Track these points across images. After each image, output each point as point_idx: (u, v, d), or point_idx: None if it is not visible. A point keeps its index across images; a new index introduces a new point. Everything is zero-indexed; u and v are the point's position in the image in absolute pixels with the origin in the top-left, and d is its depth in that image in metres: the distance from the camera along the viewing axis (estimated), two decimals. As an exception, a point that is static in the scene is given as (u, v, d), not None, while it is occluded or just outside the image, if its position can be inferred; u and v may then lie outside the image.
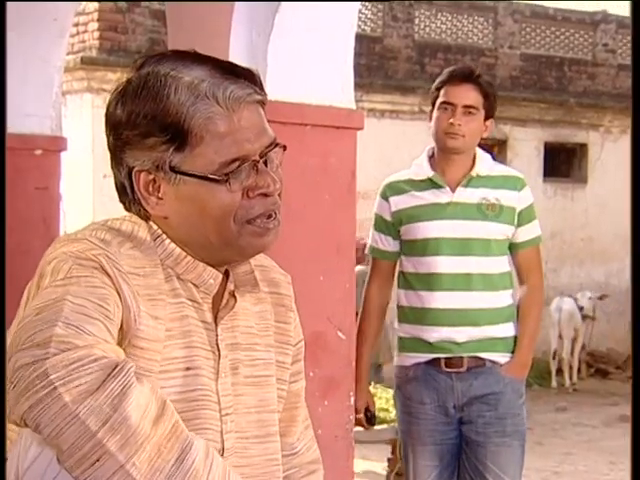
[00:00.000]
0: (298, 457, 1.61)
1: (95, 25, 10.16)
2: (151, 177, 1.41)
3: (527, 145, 12.59)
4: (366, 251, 3.41)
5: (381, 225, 3.31)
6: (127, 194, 1.44)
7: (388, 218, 3.28)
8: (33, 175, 4.92)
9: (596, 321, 12.23)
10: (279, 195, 1.44)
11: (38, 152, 4.95)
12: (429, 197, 3.21)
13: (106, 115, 1.44)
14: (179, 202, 1.41)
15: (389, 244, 3.28)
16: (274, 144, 1.43)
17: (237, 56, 2.87)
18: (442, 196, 3.20)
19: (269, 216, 1.43)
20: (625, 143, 12.93)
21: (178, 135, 1.38)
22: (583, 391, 11.23)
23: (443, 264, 3.15)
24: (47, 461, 1.23)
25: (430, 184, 3.22)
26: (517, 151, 11.75)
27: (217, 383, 1.43)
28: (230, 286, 1.48)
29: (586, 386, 11.52)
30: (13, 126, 4.54)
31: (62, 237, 1.42)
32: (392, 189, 3.30)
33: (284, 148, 1.46)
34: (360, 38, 8.20)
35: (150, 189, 1.42)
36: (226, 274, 1.48)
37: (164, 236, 1.43)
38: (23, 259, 4.67)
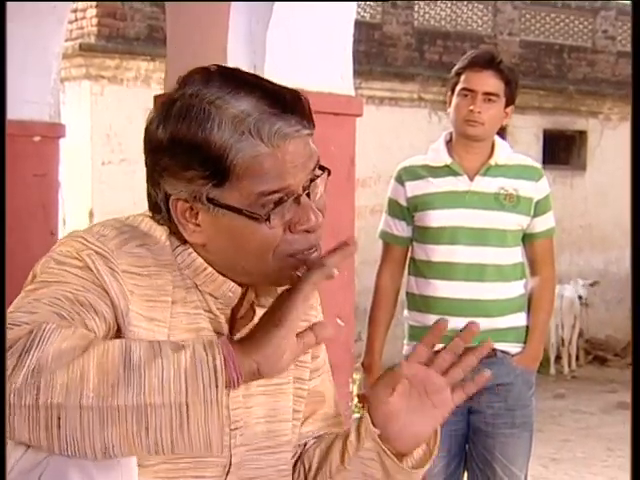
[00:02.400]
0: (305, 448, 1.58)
1: (93, 12, 10.12)
2: (189, 205, 1.36)
3: (526, 132, 12.58)
4: (377, 236, 3.36)
5: (395, 210, 3.25)
6: (162, 213, 1.40)
7: (403, 203, 3.22)
8: (32, 162, 4.92)
9: (595, 309, 12.24)
10: (320, 227, 1.38)
11: (36, 139, 4.95)
12: (446, 184, 3.16)
13: (146, 132, 1.39)
14: (217, 233, 1.36)
15: (403, 229, 3.24)
16: (317, 167, 1.38)
17: (236, 44, 2.87)
18: (460, 184, 3.15)
19: (310, 249, 1.37)
20: (624, 130, 12.92)
21: (219, 171, 1.32)
22: (581, 378, 11.25)
23: (459, 253, 3.12)
24: (33, 458, 1.22)
25: (448, 171, 3.17)
26: (516, 138, 11.74)
27: (227, 398, 1.37)
28: (250, 296, 1.44)
29: (584, 373, 11.54)
30: (11, 112, 4.54)
31: (72, 233, 1.40)
32: (408, 174, 3.22)
33: (329, 173, 1.40)
34: (359, 25, 8.17)
35: (187, 216, 1.37)
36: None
37: (187, 245, 1.39)
38: (22, 246, 4.67)
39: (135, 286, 1.34)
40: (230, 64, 2.99)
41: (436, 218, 3.15)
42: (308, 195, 1.36)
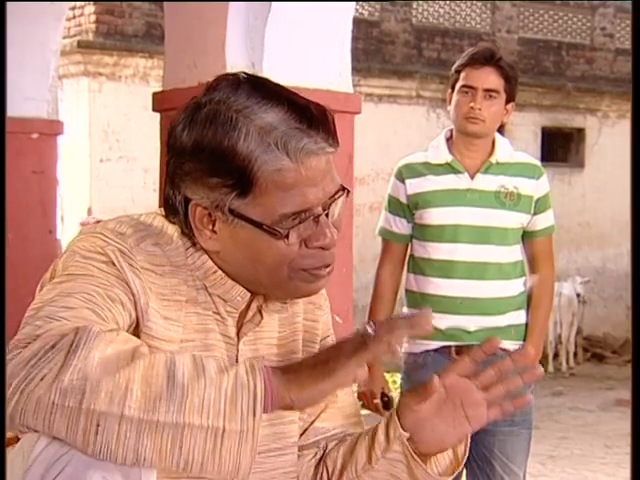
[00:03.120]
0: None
1: (92, 8, 10.12)
2: (207, 212, 1.37)
3: (525, 129, 12.59)
4: (376, 233, 3.36)
5: (396, 207, 3.23)
6: (178, 216, 1.40)
7: (404, 200, 3.20)
8: (30, 159, 4.92)
9: (593, 306, 12.25)
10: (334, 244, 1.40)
11: (35, 136, 4.95)
12: (447, 182, 3.14)
13: (170, 133, 1.39)
14: (233, 243, 1.37)
15: (403, 226, 3.22)
16: (339, 191, 1.39)
17: (234, 41, 2.87)
18: (461, 182, 3.14)
19: (326, 266, 1.39)
20: (622, 128, 12.93)
21: (243, 182, 1.33)
22: (579, 375, 11.26)
23: (460, 252, 3.11)
24: (57, 449, 1.23)
25: (448, 169, 3.15)
26: (515, 135, 11.74)
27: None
28: (259, 301, 1.45)
29: (582, 370, 11.55)
30: (10, 110, 4.54)
31: (85, 229, 1.41)
32: (409, 171, 3.21)
33: (347, 193, 1.42)
34: (358, 22, 8.16)
35: (205, 222, 1.38)
36: None
37: (198, 246, 1.40)
38: (20, 243, 4.67)
39: (152, 284, 1.35)
40: (228, 61, 2.99)
41: (437, 216, 3.14)
42: (327, 214, 1.37)
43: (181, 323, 1.37)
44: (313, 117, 1.36)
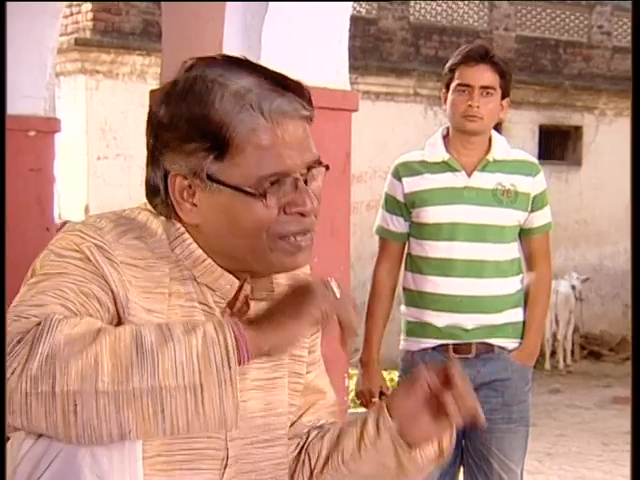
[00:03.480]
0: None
1: (89, 6, 10.11)
2: (187, 183, 1.38)
3: (522, 127, 12.59)
4: (374, 231, 3.36)
5: (393, 206, 3.23)
6: (159, 196, 1.41)
7: (400, 199, 3.20)
8: (27, 156, 4.92)
9: (590, 304, 12.26)
10: (315, 216, 1.41)
11: (32, 133, 4.95)
12: (444, 180, 3.15)
13: (149, 114, 1.41)
14: (213, 211, 1.38)
15: (400, 225, 3.22)
16: (317, 163, 1.40)
17: (232, 38, 2.87)
18: (458, 180, 3.14)
19: (304, 233, 1.40)
20: (620, 126, 12.94)
21: (219, 144, 1.35)
22: (576, 373, 11.27)
23: (457, 250, 3.11)
24: (44, 446, 1.24)
25: (445, 167, 3.15)
26: (512, 133, 11.74)
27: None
28: (247, 289, 1.45)
29: (579, 368, 11.56)
30: (7, 107, 4.53)
31: (67, 226, 1.42)
32: (405, 169, 3.21)
33: (327, 168, 1.43)
34: (355, 20, 8.16)
35: (185, 195, 1.39)
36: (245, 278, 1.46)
37: (186, 236, 1.41)
38: (18, 241, 4.67)
39: (133, 277, 1.35)
40: (226, 59, 2.99)
41: (434, 214, 3.14)
42: (305, 182, 1.38)
43: (165, 315, 1.37)
44: (287, 82, 1.39)
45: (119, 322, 1.34)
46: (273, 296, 1.47)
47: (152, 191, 1.43)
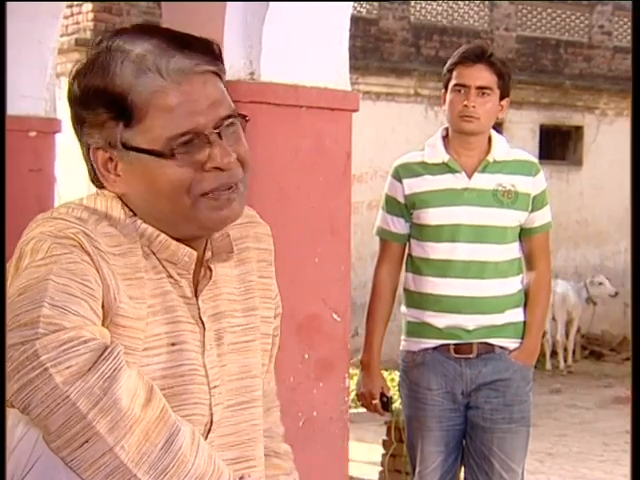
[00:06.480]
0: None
1: (89, 6, 10.11)
2: (108, 155, 1.40)
3: (523, 127, 12.58)
4: (374, 232, 3.36)
5: (393, 207, 3.23)
6: (93, 173, 1.44)
7: (401, 200, 3.19)
8: (27, 157, 4.92)
9: (591, 303, 12.25)
10: (244, 167, 1.41)
11: (32, 134, 4.95)
12: (444, 182, 3.14)
13: (67, 93, 1.44)
14: (133, 178, 1.39)
15: (401, 226, 3.22)
16: (231, 116, 1.40)
17: (232, 38, 2.86)
18: (458, 182, 3.13)
19: (228, 188, 1.39)
20: (620, 125, 12.93)
21: (123, 110, 1.36)
22: (577, 373, 11.27)
23: (459, 251, 3.11)
24: (33, 440, 1.23)
25: (445, 168, 3.15)
26: (513, 133, 11.74)
27: (204, 356, 1.43)
28: (207, 255, 1.46)
29: (580, 368, 11.55)
30: (7, 107, 4.53)
31: (39, 217, 1.41)
32: (406, 170, 3.20)
33: (244, 118, 1.42)
34: (356, 20, 8.15)
35: (108, 167, 1.41)
36: (205, 244, 1.47)
37: (137, 216, 1.42)
38: (17, 240, 4.66)
39: (114, 265, 1.35)
40: (226, 59, 2.99)
41: (434, 216, 3.14)
42: (220, 136, 1.38)
43: (145, 300, 1.37)
44: (186, 39, 1.39)
45: (110, 309, 1.33)
46: (231, 256, 1.48)
47: (89, 170, 1.45)
